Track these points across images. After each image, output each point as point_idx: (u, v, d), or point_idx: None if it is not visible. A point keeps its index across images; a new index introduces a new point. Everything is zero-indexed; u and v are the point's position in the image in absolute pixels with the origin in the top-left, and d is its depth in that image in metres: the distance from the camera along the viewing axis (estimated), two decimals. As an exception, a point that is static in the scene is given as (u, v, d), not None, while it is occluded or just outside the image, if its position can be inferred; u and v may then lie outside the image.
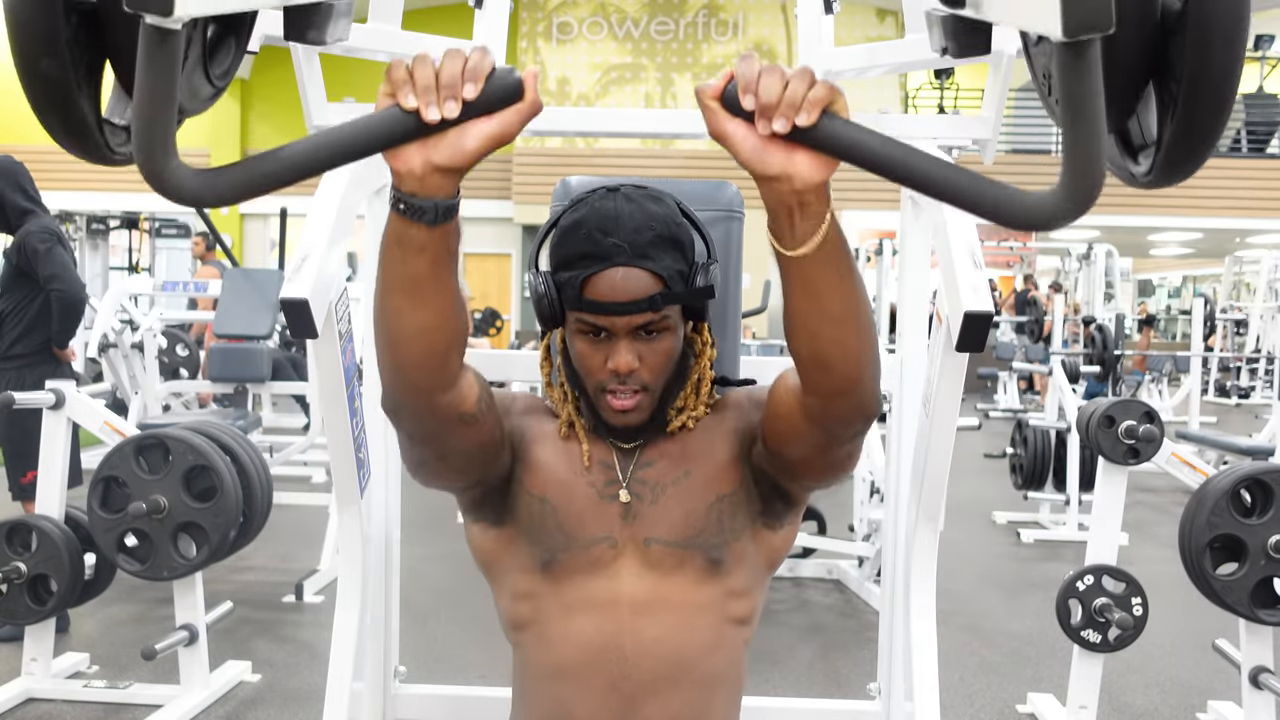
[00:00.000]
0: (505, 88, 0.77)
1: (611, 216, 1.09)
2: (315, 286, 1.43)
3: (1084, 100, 0.68)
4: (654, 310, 1.08)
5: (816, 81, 0.77)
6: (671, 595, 1.12)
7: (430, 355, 0.95)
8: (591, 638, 1.12)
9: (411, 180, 0.82)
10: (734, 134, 0.80)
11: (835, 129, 0.76)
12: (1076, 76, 0.67)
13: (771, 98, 0.76)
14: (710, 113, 0.80)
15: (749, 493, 1.16)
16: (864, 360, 0.94)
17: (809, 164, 0.79)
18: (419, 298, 0.90)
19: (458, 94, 0.76)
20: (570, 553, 1.13)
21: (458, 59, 0.76)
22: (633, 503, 1.14)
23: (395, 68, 0.77)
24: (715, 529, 1.13)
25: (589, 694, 1.11)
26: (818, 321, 0.92)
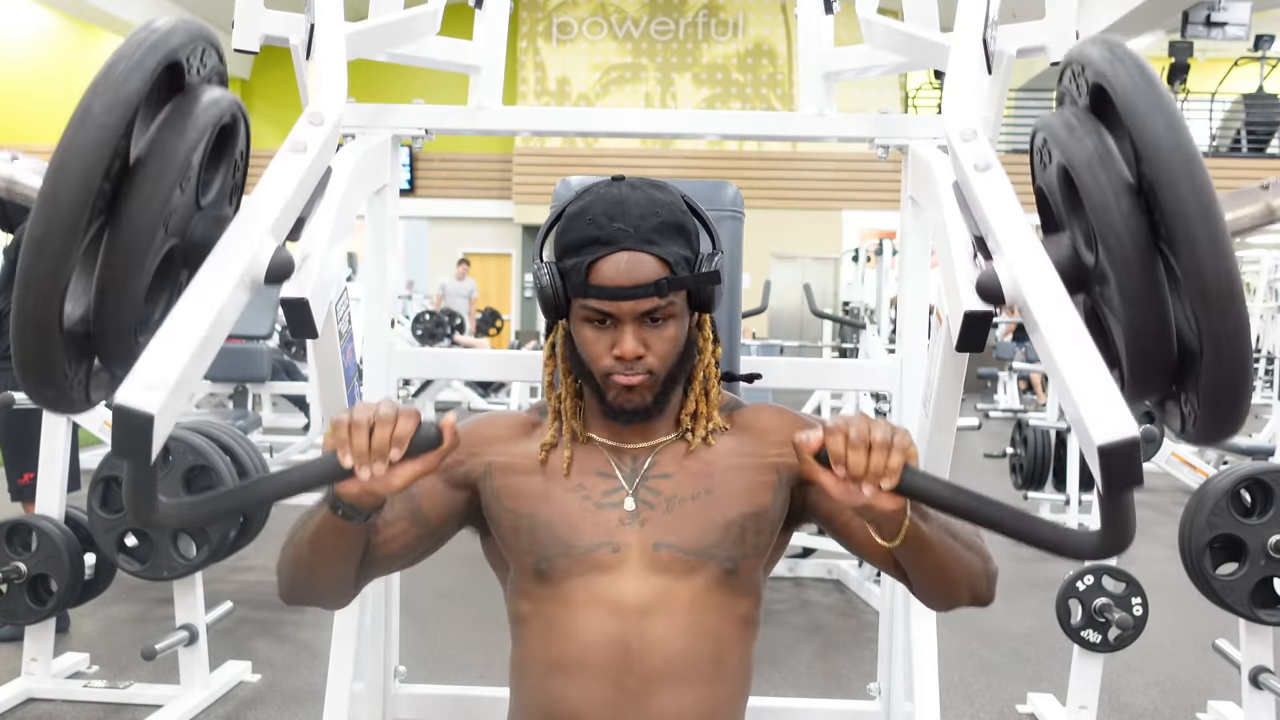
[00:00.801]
0: (426, 440, 0.95)
1: (617, 202, 1.10)
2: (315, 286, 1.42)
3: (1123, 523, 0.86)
4: (660, 295, 1.08)
5: (895, 447, 0.91)
6: (679, 597, 1.11)
7: (344, 589, 1.17)
8: (595, 633, 1.10)
9: (349, 498, 1.00)
10: (826, 480, 0.94)
11: (911, 484, 0.92)
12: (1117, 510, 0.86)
13: (859, 471, 0.91)
14: (806, 463, 0.94)
15: (776, 518, 1.17)
16: (960, 592, 1.12)
17: (889, 502, 0.93)
18: (340, 561, 1.12)
19: (385, 458, 0.94)
20: (569, 559, 1.12)
21: (386, 427, 0.93)
22: (639, 509, 1.13)
23: (337, 428, 0.94)
24: (735, 542, 1.13)
25: (590, 687, 1.10)
26: (916, 575, 1.11)
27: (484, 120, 1.79)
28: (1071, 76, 1.02)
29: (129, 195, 0.93)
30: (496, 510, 1.16)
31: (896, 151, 1.75)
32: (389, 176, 1.73)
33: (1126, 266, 0.90)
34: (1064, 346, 0.91)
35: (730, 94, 14.46)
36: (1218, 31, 10.18)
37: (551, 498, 1.14)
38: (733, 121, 1.98)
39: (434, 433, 0.96)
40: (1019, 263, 0.98)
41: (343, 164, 1.56)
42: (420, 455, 0.96)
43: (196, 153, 0.98)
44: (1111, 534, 0.87)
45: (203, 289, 0.96)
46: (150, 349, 0.90)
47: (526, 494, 1.15)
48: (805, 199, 13.93)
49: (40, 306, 0.89)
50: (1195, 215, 0.84)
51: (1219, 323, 0.85)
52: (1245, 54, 12.43)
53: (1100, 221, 0.91)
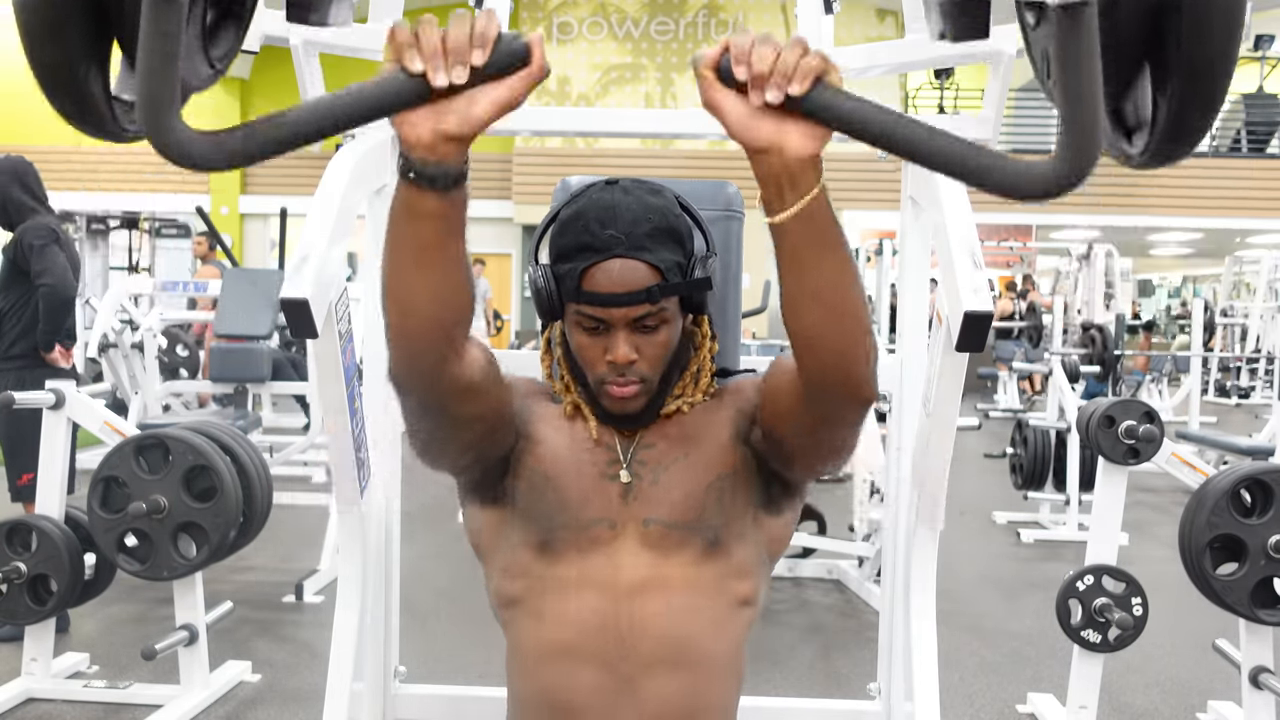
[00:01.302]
0: (512, 53, 0.75)
1: (609, 208, 1.10)
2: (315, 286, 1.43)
3: (1081, 66, 0.67)
4: (651, 302, 1.08)
5: (809, 51, 0.76)
6: (671, 575, 1.12)
7: (437, 324, 0.94)
8: (587, 617, 1.11)
9: (421, 148, 0.81)
10: (724, 104, 0.79)
11: (827, 98, 0.75)
12: (1073, 42, 0.67)
13: (764, 67, 0.76)
14: (704, 81, 0.79)
15: (749, 475, 1.17)
16: (854, 342, 0.93)
17: (800, 135, 0.79)
18: (427, 266, 0.89)
19: (466, 59, 0.75)
20: (569, 531, 1.13)
21: (464, 23, 0.75)
22: (633, 483, 1.15)
23: (399, 31, 0.75)
24: (715, 510, 1.14)
25: (583, 674, 1.11)
26: (806, 299, 0.91)
27: (484, 120, 1.79)
28: None
29: None
30: (521, 466, 1.16)
31: (896, 151, 1.75)
32: (389, 176, 1.73)
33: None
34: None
35: (730, 94, 14.45)
36: (1218, 31, 10.17)
37: (565, 461, 1.15)
38: (733, 121, 1.97)
39: (521, 47, 0.76)
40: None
41: (343, 164, 1.57)
42: (505, 75, 0.76)
43: None
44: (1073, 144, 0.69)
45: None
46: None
47: (548, 453, 1.16)
48: (805, 199, 13.91)
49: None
50: None
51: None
52: (1245, 54, 12.43)
53: None
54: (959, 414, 1.66)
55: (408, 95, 0.74)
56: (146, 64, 0.68)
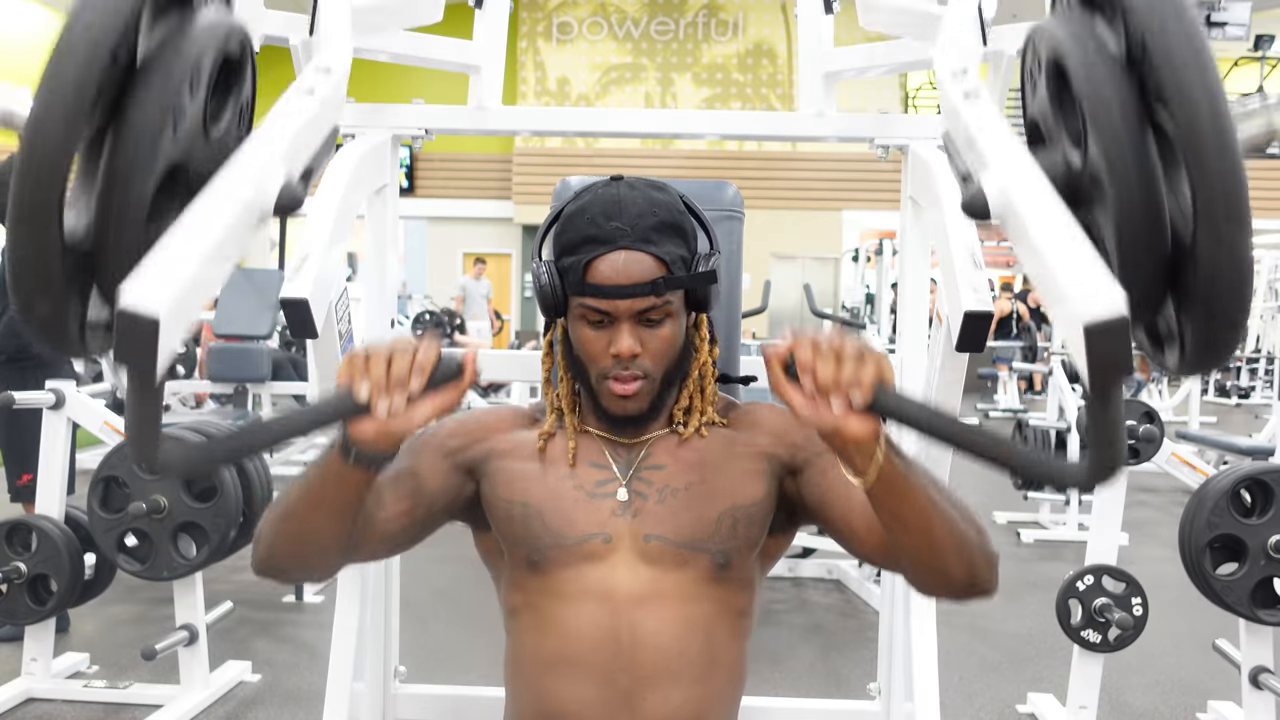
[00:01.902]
0: (447, 372, 0.89)
1: (614, 202, 1.10)
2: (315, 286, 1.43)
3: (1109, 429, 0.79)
4: (656, 294, 1.08)
5: (867, 361, 0.85)
6: (670, 590, 1.11)
7: (329, 560, 1.07)
8: (587, 629, 1.10)
9: (364, 443, 0.92)
10: (792, 396, 0.88)
11: (884, 403, 0.85)
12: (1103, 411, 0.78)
13: (827, 382, 0.85)
14: (773, 373, 0.89)
15: (768, 509, 1.16)
16: (954, 567, 1.00)
17: (859, 424, 0.87)
18: (338, 522, 1.01)
19: (405, 390, 0.88)
20: (561, 549, 1.12)
21: (405, 358, 0.88)
22: (632, 500, 1.14)
23: (353, 360, 0.88)
24: (727, 535, 1.13)
25: (582, 687, 1.10)
26: (897, 534, 1.00)
27: (484, 120, 1.79)
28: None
29: (135, 97, 0.86)
30: (493, 498, 1.16)
31: (896, 151, 1.75)
32: (389, 176, 1.73)
33: (1113, 136, 0.81)
34: (1048, 231, 0.83)
35: (730, 94, 14.46)
36: (1218, 31, 10.18)
37: (546, 486, 1.15)
38: (733, 121, 1.98)
39: (455, 365, 0.90)
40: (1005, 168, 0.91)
41: (343, 164, 1.57)
42: (441, 388, 0.90)
43: (207, 57, 0.92)
44: (1100, 454, 0.80)
45: (209, 201, 0.88)
46: (154, 253, 0.82)
47: (522, 482, 1.15)
48: (805, 199, 13.93)
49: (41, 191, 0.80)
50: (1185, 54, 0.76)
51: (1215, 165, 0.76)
52: (1245, 54, 12.43)
53: (1087, 92, 0.83)
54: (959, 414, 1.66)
55: (357, 411, 0.88)
56: (133, 424, 0.82)
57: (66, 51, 0.80)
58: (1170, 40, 0.77)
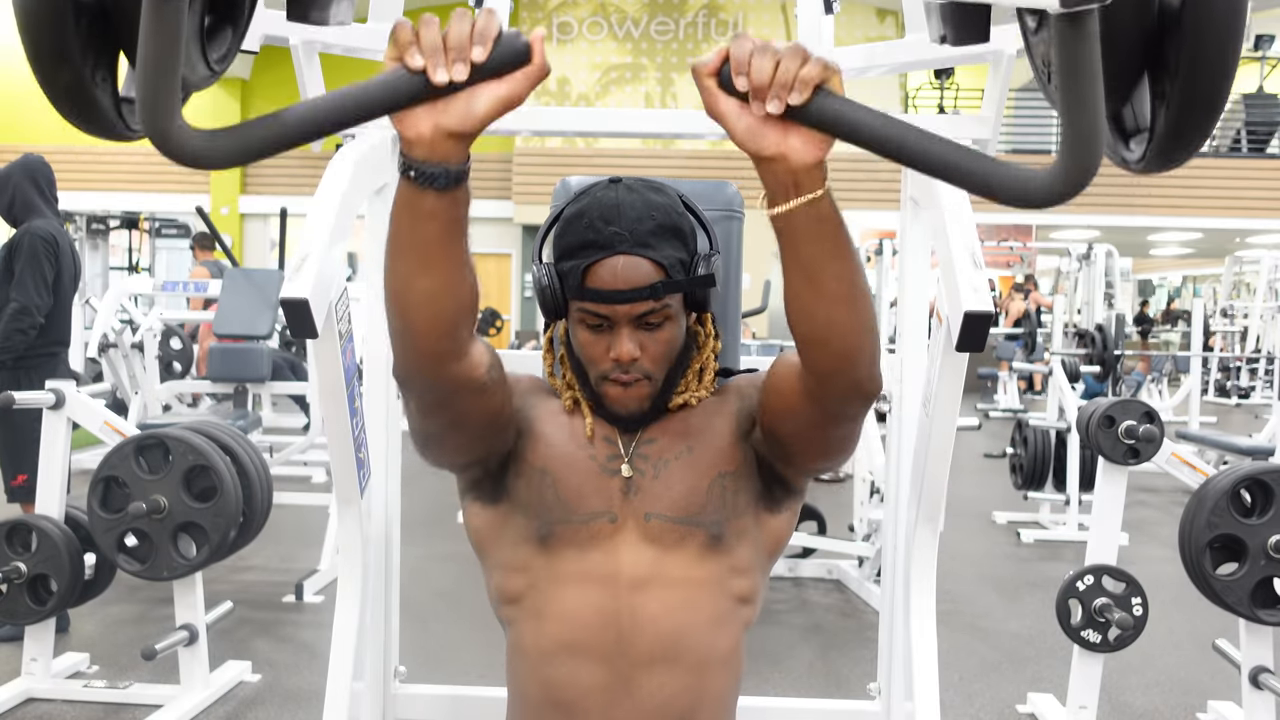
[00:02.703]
0: (513, 51, 0.75)
1: (613, 206, 1.11)
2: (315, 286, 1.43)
3: (1082, 74, 0.67)
4: (655, 298, 1.09)
5: (810, 59, 0.75)
6: (671, 571, 1.12)
7: (440, 321, 0.94)
8: (587, 613, 1.11)
9: (421, 146, 0.80)
10: (729, 114, 0.79)
11: (829, 106, 0.75)
12: (1074, 50, 0.67)
13: (764, 79, 0.75)
14: (707, 92, 0.79)
15: (750, 473, 1.17)
16: (859, 338, 0.94)
17: (803, 143, 0.79)
18: (429, 264, 0.89)
19: (466, 56, 0.75)
20: (569, 525, 1.13)
21: (465, 20, 0.75)
22: (634, 477, 1.15)
23: (400, 29, 0.75)
24: (717, 505, 1.14)
25: (584, 671, 1.11)
26: (811, 296, 0.91)
27: (484, 120, 1.79)
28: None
29: None
30: (521, 459, 1.16)
31: (897, 151, 1.75)
32: (389, 176, 1.73)
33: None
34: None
35: (730, 94, 14.45)
36: (1218, 31, 10.16)
37: (565, 456, 1.16)
38: (733, 121, 1.97)
39: (522, 45, 0.76)
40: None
41: (343, 164, 1.57)
42: (505, 73, 0.76)
43: None
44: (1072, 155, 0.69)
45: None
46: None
47: (545, 447, 1.16)
48: (805, 199, 13.91)
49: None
50: None
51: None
52: (1245, 54, 12.42)
53: None
54: (959, 414, 1.66)
55: (409, 92, 0.74)
56: (147, 65, 0.68)
57: None
58: None
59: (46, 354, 3.51)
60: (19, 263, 3.37)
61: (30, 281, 3.35)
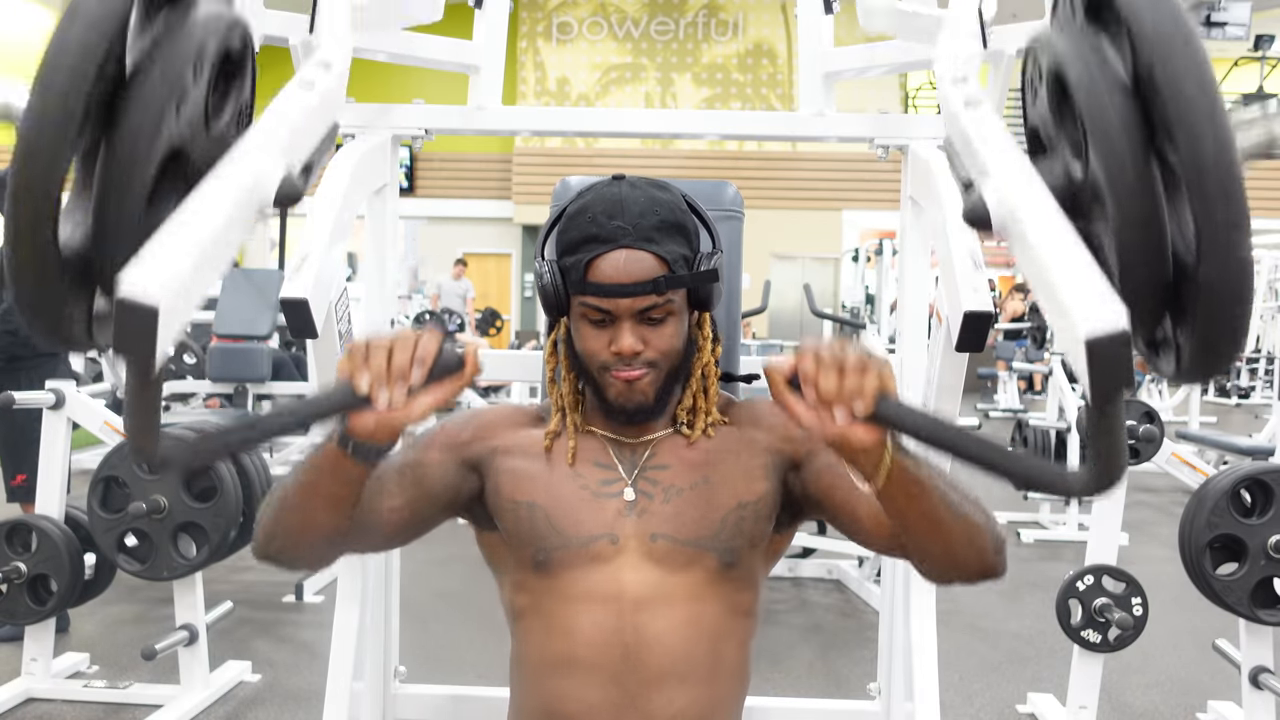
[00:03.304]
0: (448, 365, 0.89)
1: (616, 201, 1.11)
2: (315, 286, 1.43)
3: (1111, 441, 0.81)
4: (658, 292, 1.08)
5: (869, 371, 0.85)
6: (676, 590, 1.11)
7: (327, 551, 1.07)
8: (592, 631, 1.10)
9: (364, 435, 0.91)
10: (796, 407, 0.88)
11: (888, 412, 0.86)
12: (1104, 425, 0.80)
13: (830, 394, 0.85)
14: (776, 387, 0.89)
15: (772, 505, 1.16)
16: (966, 559, 1.03)
17: (863, 433, 0.87)
18: (336, 513, 1.01)
19: (405, 381, 0.87)
20: (567, 550, 1.12)
21: (406, 349, 0.87)
22: (638, 499, 1.14)
23: (354, 352, 0.88)
24: (732, 533, 1.13)
25: (589, 688, 1.10)
26: (907, 530, 1.02)
27: (484, 120, 1.79)
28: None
29: (126, 103, 0.86)
30: (498, 498, 1.16)
31: (896, 151, 1.75)
32: (389, 176, 1.73)
33: (1116, 158, 0.82)
34: (1050, 245, 0.83)
35: (730, 94, 14.46)
36: (1218, 31, 10.18)
37: (551, 486, 1.15)
38: (733, 121, 1.98)
39: (456, 358, 0.90)
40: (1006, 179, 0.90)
41: (343, 164, 1.57)
42: (442, 381, 0.89)
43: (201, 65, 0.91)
44: (1102, 462, 0.81)
45: (209, 191, 0.87)
46: (154, 242, 0.81)
47: (527, 482, 1.15)
48: (805, 199, 13.93)
49: (34, 214, 0.81)
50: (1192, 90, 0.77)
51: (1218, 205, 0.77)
52: (1245, 54, 12.43)
53: (1090, 111, 0.83)
54: (959, 414, 1.66)
55: (357, 404, 0.88)
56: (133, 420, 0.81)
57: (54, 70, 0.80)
58: (1179, 77, 0.78)
59: (47, 354, 3.51)
60: None
61: None
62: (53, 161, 0.81)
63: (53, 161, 0.81)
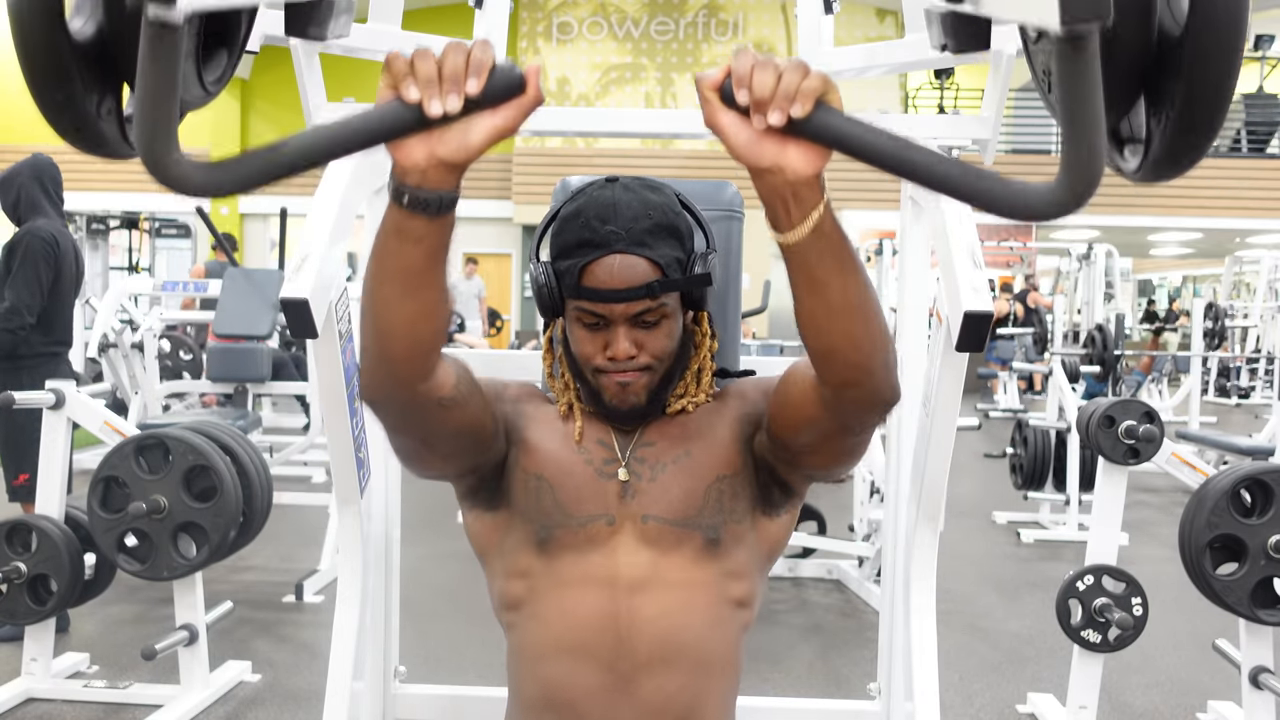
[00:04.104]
0: (508, 82, 0.76)
1: (609, 205, 1.11)
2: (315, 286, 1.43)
3: (1083, 93, 0.67)
4: (651, 297, 1.09)
5: (810, 73, 0.76)
6: (669, 573, 1.13)
7: (416, 346, 0.94)
8: (586, 616, 1.12)
9: (415, 174, 0.81)
10: (728, 126, 0.78)
11: (828, 121, 0.75)
12: (1075, 69, 0.66)
13: (765, 92, 0.75)
14: (707, 104, 0.79)
15: (749, 478, 1.17)
16: (873, 350, 0.93)
17: (801, 156, 0.79)
18: (411, 289, 0.90)
19: (461, 88, 0.75)
20: (567, 529, 1.14)
21: (460, 52, 0.75)
22: (631, 480, 1.15)
23: (395, 60, 0.75)
24: (714, 509, 1.14)
25: (583, 673, 1.11)
26: (822, 313, 0.90)
27: (484, 120, 1.79)
28: None
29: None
30: (516, 466, 1.17)
31: (896, 151, 1.75)
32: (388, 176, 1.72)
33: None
34: None
35: (730, 94, 14.45)
36: (1218, 31, 10.16)
37: (560, 462, 1.16)
38: (733, 121, 1.97)
39: (517, 76, 0.76)
40: None
41: (343, 164, 1.57)
42: (500, 103, 0.77)
43: None
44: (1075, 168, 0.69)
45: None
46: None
47: (540, 454, 1.17)
48: (805, 199, 13.91)
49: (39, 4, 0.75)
50: None
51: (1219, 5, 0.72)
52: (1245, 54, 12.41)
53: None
54: (959, 414, 1.66)
55: (404, 124, 0.75)
56: (144, 97, 0.69)
57: None
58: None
59: (47, 354, 3.51)
60: (16, 262, 3.37)
61: (23, 281, 3.35)
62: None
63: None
